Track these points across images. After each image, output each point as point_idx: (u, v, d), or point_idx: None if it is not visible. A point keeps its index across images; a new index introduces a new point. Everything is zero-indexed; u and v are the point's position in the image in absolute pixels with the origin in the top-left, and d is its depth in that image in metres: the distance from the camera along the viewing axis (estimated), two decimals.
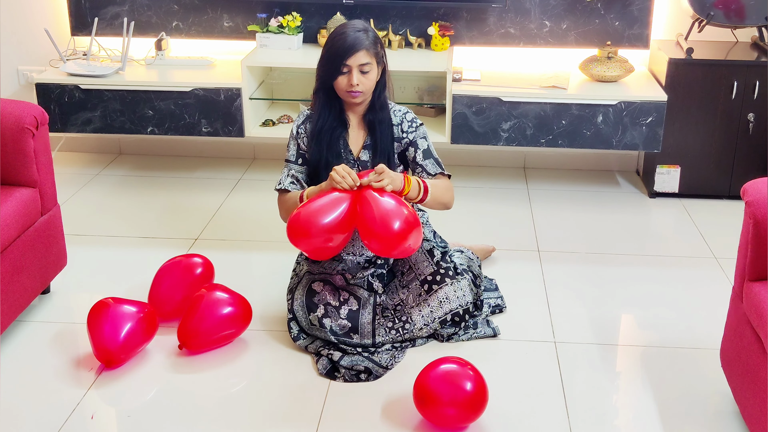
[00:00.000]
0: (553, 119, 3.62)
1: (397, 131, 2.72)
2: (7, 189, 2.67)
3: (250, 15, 3.97)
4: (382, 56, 2.66)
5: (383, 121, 2.69)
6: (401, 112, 2.75)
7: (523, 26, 3.92)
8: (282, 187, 2.67)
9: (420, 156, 2.71)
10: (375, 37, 2.62)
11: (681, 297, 3.01)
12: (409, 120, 2.74)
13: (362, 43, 2.56)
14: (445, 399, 2.22)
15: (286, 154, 2.73)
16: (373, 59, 2.60)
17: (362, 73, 2.58)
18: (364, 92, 2.62)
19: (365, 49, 2.57)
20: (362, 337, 2.59)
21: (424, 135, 2.74)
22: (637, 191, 3.94)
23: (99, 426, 2.33)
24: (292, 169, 2.70)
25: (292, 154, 2.72)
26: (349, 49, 2.55)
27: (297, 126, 2.72)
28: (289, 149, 2.73)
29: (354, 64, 2.56)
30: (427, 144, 2.73)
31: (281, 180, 2.69)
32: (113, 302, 2.56)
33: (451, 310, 2.66)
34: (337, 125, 2.68)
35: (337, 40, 2.58)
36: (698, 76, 3.64)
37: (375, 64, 2.61)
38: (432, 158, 2.72)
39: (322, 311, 2.60)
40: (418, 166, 2.71)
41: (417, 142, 2.71)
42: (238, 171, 4.13)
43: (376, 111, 2.69)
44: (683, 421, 2.34)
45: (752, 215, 2.15)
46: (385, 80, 2.70)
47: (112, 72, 3.76)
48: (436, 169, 2.71)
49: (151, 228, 3.50)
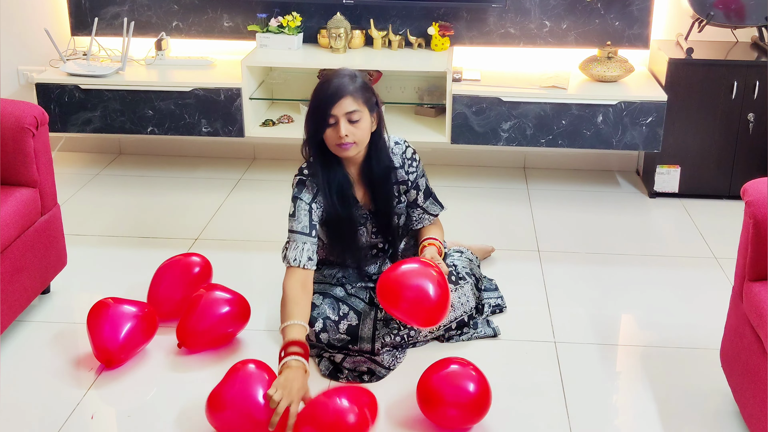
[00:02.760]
0: (553, 119, 3.62)
1: (401, 174, 2.62)
2: (7, 189, 2.67)
3: (250, 15, 3.97)
4: (375, 102, 2.46)
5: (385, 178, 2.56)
6: (400, 151, 2.62)
7: (523, 26, 3.92)
8: (302, 266, 2.43)
9: (421, 198, 2.67)
10: (363, 83, 2.43)
11: (681, 297, 3.01)
12: (409, 158, 2.62)
13: (346, 89, 2.37)
14: (449, 400, 2.22)
15: (293, 226, 2.47)
16: (362, 106, 2.40)
17: (351, 123, 2.38)
18: (357, 144, 2.42)
19: (350, 95, 2.37)
20: (362, 345, 2.57)
21: (423, 173, 2.66)
22: (637, 191, 3.94)
23: (99, 426, 2.33)
24: (307, 242, 2.46)
25: (304, 226, 2.46)
26: (333, 97, 2.36)
27: (309, 199, 2.49)
28: (296, 221, 2.47)
29: (340, 113, 2.37)
30: (425, 182, 2.68)
31: (296, 257, 2.43)
32: (113, 302, 2.56)
33: (456, 318, 2.66)
34: (343, 181, 2.52)
35: (320, 90, 2.41)
36: (698, 76, 3.64)
37: (366, 111, 2.41)
38: (431, 197, 2.70)
39: (320, 326, 2.56)
40: (419, 209, 2.67)
41: (418, 184, 2.65)
42: (238, 171, 4.13)
43: (374, 167, 2.53)
44: (683, 421, 2.34)
45: (752, 215, 2.15)
46: (382, 130, 2.52)
47: (112, 72, 3.76)
48: (437, 210, 2.70)
49: (151, 228, 3.50)
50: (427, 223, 2.71)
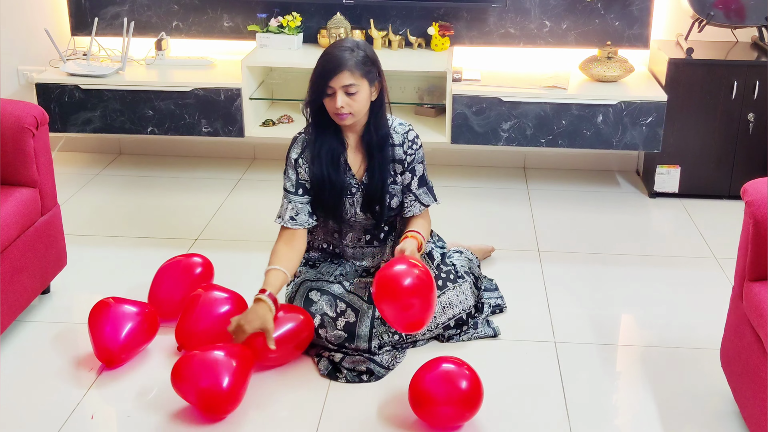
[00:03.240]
0: (553, 119, 3.62)
1: (399, 152, 2.63)
2: (7, 189, 2.67)
3: (250, 15, 3.97)
4: (376, 75, 2.51)
5: (382, 146, 2.59)
6: (403, 130, 2.64)
7: (523, 26, 3.92)
8: (282, 224, 2.60)
9: (415, 184, 2.65)
10: (365, 56, 2.47)
11: (681, 297, 3.01)
12: (410, 140, 2.64)
13: (345, 63, 2.43)
14: (438, 399, 2.22)
15: (285, 183, 2.61)
16: (360, 80, 2.45)
17: (348, 95, 2.45)
18: (354, 114, 2.49)
19: (348, 70, 2.43)
20: (359, 343, 2.58)
21: (422, 159, 2.66)
22: (637, 191, 3.94)
23: (99, 426, 2.33)
24: (291, 201, 2.59)
25: (291, 184, 2.60)
26: (332, 71, 2.43)
27: (297, 154, 2.60)
28: (287, 178, 2.60)
29: (337, 85, 2.43)
30: (423, 169, 2.67)
31: (281, 214, 2.61)
32: (114, 302, 2.56)
33: (454, 316, 2.66)
34: (336, 145, 2.58)
35: (321, 61, 2.48)
36: (698, 76, 3.64)
37: (365, 83, 2.47)
38: (425, 186, 2.68)
39: (318, 321, 2.57)
40: (412, 195, 2.65)
41: (415, 168, 2.65)
42: (238, 171, 4.13)
43: (372, 134, 2.57)
44: (683, 421, 2.34)
45: (752, 215, 2.15)
46: (383, 99, 2.57)
47: (112, 72, 3.76)
48: (429, 201, 2.68)
49: (151, 228, 3.50)
50: (416, 212, 2.67)
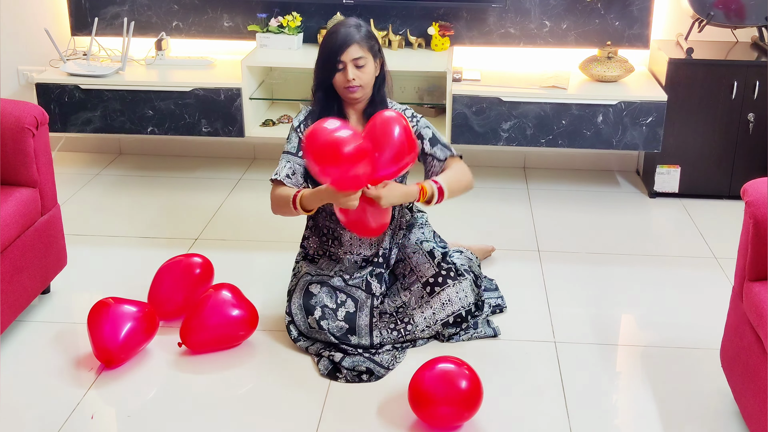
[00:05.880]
0: (553, 119, 3.62)
1: None
2: (7, 189, 2.67)
3: (250, 15, 3.97)
4: (378, 50, 2.67)
5: None
6: (401, 109, 2.75)
7: (523, 26, 3.92)
8: (278, 178, 2.64)
9: (428, 145, 2.71)
10: (368, 31, 2.64)
11: (681, 297, 3.01)
12: (408, 116, 2.73)
13: (353, 37, 2.59)
14: (438, 399, 2.22)
15: (286, 146, 2.70)
16: (367, 53, 2.61)
17: (358, 68, 2.59)
18: (363, 86, 2.62)
19: (357, 43, 2.58)
20: (360, 338, 2.59)
21: (427, 125, 2.74)
22: (637, 191, 3.94)
23: (99, 426, 2.33)
24: (290, 161, 2.67)
25: (293, 146, 2.69)
26: (342, 45, 2.58)
27: (299, 121, 2.72)
28: (289, 141, 2.70)
29: (347, 59, 2.58)
30: (432, 132, 2.74)
31: (278, 171, 2.66)
32: (113, 302, 2.56)
33: (453, 312, 2.66)
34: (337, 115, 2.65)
35: (329, 39, 2.61)
36: (698, 76, 3.64)
37: (370, 57, 2.62)
38: (439, 144, 2.73)
39: (319, 313, 2.60)
40: (428, 156, 2.71)
41: (422, 133, 2.72)
42: (238, 171, 4.13)
43: (376, 105, 2.69)
44: (683, 421, 2.34)
45: (752, 215, 2.15)
46: (384, 75, 2.70)
47: (112, 72, 3.76)
48: (446, 153, 2.72)
49: (151, 228, 3.50)
50: (437, 170, 2.72)
